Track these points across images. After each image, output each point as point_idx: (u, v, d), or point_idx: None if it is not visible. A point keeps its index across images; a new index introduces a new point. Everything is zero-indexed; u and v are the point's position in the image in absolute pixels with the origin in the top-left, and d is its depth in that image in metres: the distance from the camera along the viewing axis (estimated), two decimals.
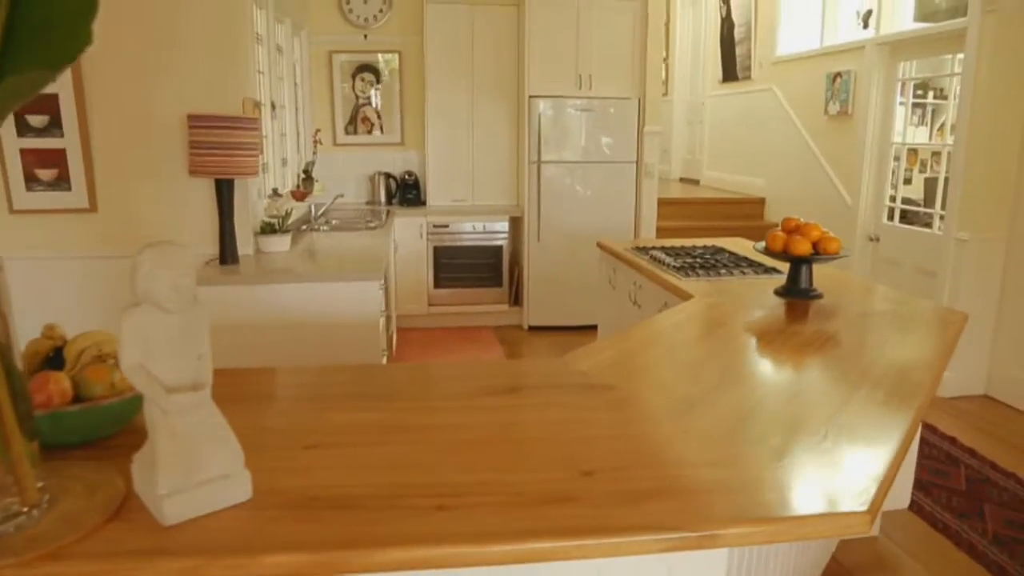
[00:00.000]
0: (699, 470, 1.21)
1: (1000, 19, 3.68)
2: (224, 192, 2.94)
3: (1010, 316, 3.89)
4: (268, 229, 3.33)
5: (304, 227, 4.23)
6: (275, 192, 3.56)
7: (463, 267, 5.26)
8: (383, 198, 5.38)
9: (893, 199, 4.76)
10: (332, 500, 1.12)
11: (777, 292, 2.55)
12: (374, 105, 5.41)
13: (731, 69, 6.63)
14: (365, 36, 5.26)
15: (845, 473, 1.21)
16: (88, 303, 3.21)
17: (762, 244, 2.58)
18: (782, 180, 5.89)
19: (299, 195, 4.42)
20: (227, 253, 3.00)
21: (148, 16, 3.02)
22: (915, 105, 4.81)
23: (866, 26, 5.04)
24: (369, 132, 5.44)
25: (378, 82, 5.37)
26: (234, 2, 3.10)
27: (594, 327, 4.12)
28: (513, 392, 1.54)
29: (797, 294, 2.50)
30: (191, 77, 3.09)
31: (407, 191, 5.35)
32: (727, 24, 6.65)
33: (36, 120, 3.00)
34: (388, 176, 5.39)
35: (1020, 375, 3.83)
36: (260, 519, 1.08)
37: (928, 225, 4.50)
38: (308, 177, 4.68)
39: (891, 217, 4.77)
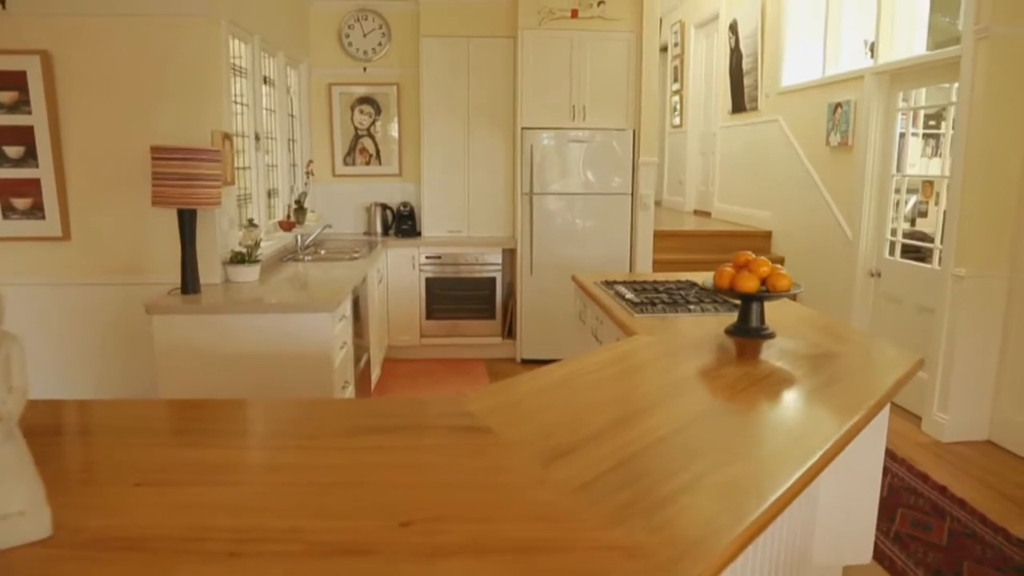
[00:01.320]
0: (526, 525, 1.14)
1: (994, 45, 3.54)
2: (186, 222, 2.99)
3: (1013, 357, 3.67)
4: (238, 259, 3.37)
5: (288, 257, 4.27)
6: (251, 222, 3.61)
7: (456, 299, 5.23)
8: (379, 229, 5.41)
9: (894, 233, 4.57)
10: (131, 541, 1.08)
11: (727, 331, 2.44)
12: (375, 136, 5.48)
13: (739, 100, 6.53)
14: (364, 69, 5.36)
15: (686, 538, 1.12)
16: (60, 330, 3.28)
17: (711, 280, 2.49)
18: (787, 213, 5.74)
19: (287, 225, 4.48)
20: (188, 282, 3.03)
21: (122, 51, 3.12)
22: (927, 136, 4.64)
23: (873, 55, 4.91)
24: (367, 163, 5.50)
25: (377, 114, 5.45)
26: (207, 37, 3.18)
27: None
28: (377, 433, 1.49)
29: (747, 333, 2.40)
30: (162, 110, 3.17)
31: (403, 222, 5.37)
32: (735, 55, 6.57)
33: (12, 151, 3.10)
34: (384, 207, 5.42)
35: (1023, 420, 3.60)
36: (51, 558, 1.05)
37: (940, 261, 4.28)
38: (300, 208, 4.75)
39: (892, 252, 4.58)
